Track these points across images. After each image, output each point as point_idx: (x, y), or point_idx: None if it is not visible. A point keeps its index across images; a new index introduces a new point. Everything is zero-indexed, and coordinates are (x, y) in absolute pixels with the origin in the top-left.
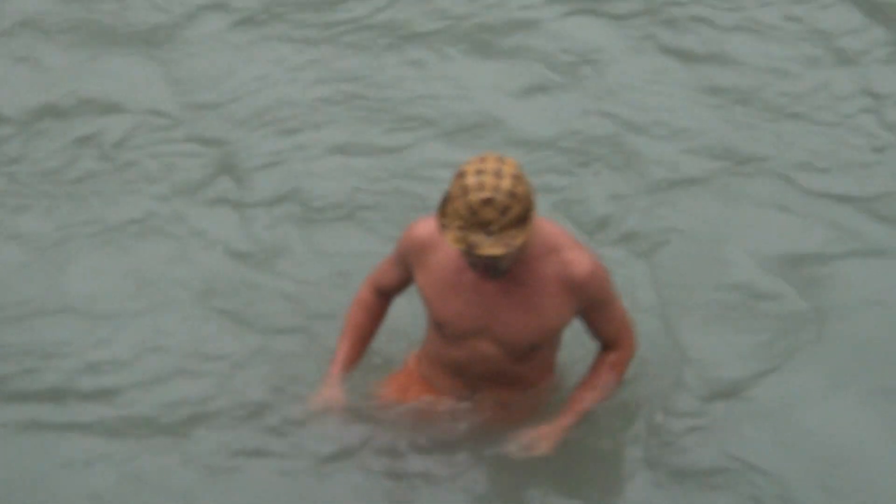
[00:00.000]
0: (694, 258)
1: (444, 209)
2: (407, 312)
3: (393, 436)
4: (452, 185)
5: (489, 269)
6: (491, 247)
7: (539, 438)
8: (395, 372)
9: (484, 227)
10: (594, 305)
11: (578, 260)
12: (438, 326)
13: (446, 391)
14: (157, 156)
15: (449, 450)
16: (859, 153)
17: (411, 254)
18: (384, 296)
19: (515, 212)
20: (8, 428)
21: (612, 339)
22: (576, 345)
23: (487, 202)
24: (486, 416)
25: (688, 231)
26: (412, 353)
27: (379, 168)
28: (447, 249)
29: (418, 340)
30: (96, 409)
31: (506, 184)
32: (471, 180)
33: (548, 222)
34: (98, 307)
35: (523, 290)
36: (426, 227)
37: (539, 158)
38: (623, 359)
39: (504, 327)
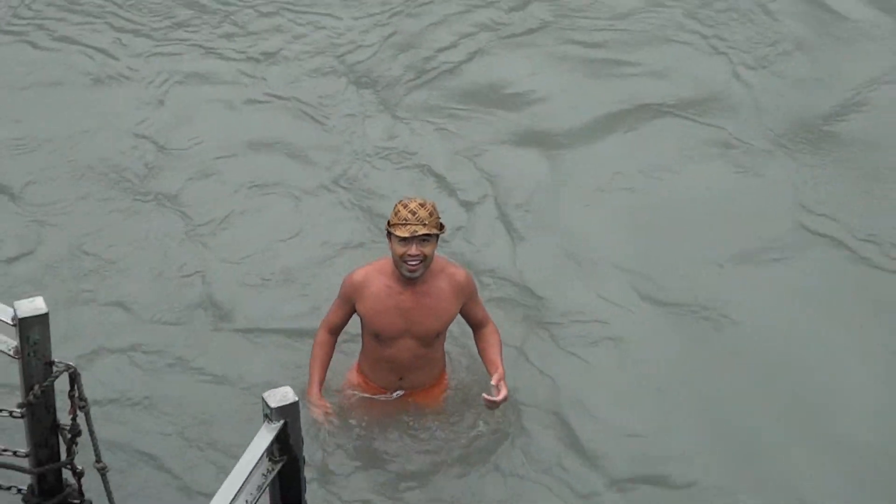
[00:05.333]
0: None
1: (391, 224)
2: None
3: (373, 433)
4: (393, 211)
5: (420, 260)
6: (426, 229)
7: (500, 386)
8: (346, 381)
9: (421, 221)
10: (472, 298)
11: (459, 271)
12: (375, 335)
13: (382, 381)
14: None
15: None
16: None
17: (353, 293)
18: (335, 333)
19: (436, 218)
20: None
21: (484, 320)
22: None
23: (422, 205)
24: (415, 395)
25: None
26: (350, 367)
27: None
28: (377, 284)
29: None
30: None
31: (429, 204)
32: (407, 202)
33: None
34: None
35: (428, 300)
36: (359, 273)
37: None
38: (494, 328)
39: (419, 326)
